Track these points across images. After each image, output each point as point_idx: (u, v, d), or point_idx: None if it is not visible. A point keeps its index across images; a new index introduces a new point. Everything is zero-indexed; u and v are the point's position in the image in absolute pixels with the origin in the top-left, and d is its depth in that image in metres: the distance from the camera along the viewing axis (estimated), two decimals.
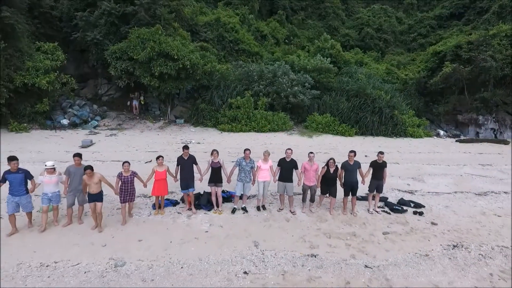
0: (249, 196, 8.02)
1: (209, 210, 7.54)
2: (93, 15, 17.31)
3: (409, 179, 10.34)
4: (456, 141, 17.54)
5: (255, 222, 7.12)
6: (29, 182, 6.28)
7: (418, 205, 8.26)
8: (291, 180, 7.39)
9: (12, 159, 6.09)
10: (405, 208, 8.10)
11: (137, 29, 16.69)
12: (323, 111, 18.32)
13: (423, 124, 19.33)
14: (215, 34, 22.39)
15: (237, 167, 7.43)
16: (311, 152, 7.51)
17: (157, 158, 7.09)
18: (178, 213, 7.42)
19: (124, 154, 12.02)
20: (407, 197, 8.83)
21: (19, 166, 6.18)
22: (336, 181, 7.44)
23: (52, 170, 6.36)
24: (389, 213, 7.80)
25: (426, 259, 5.91)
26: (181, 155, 7.30)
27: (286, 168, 7.39)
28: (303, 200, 7.68)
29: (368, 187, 7.74)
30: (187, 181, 7.16)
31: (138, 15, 17.51)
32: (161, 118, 18.58)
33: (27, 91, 14.52)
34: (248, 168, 7.35)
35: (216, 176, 7.25)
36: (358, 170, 7.45)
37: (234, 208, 7.43)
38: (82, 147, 12.49)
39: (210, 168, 7.26)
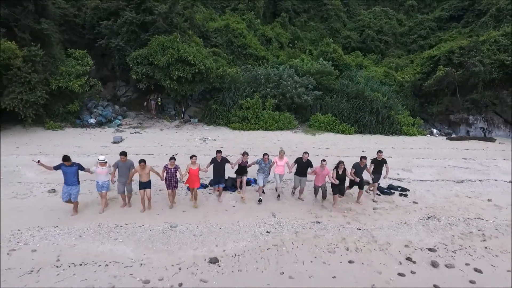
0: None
1: (233, 192, 9.44)
2: (116, 24, 19.21)
3: (399, 170, 12.18)
4: (447, 138, 19.35)
5: (272, 201, 9.00)
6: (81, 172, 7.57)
7: (403, 189, 10.12)
8: (305, 176, 8.97)
9: (66, 159, 7.29)
10: (393, 191, 9.97)
11: (157, 37, 18.55)
12: (325, 111, 20.15)
13: (417, 123, 21.13)
14: (224, 40, 24.24)
15: (257, 165, 9.00)
16: (324, 160, 8.70)
17: (191, 157, 8.22)
18: (209, 193, 9.32)
19: (152, 148, 13.90)
20: (395, 183, 10.68)
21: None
22: (344, 180, 8.71)
23: (103, 163, 7.65)
24: (379, 195, 9.65)
25: (405, 225, 7.76)
26: (215, 157, 8.61)
27: (302, 166, 8.95)
28: (315, 193, 9.13)
29: (372, 179, 9.39)
30: (218, 179, 8.71)
31: (157, 23, 19.38)
32: (177, 118, 20.45)
33: (60, 93, 16.39)
34: (267, 168, 8.96)
35: (243, 170, 9.03)
36: (365, 169, 9.03)
37: (260, 199, 8.85)
38: (114, 142, 14.38)
39: (237, 165, 8.98)
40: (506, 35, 21.91)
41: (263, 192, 9.23)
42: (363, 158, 8.95)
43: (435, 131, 21.43)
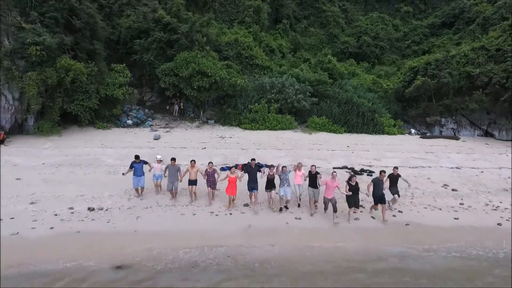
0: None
1: None
2: (146, 42, 23.80)
3: (372, 159, 16.77)
4: (420, 137, 23.96)
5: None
6: (145, 166, 10.77)
7: (370, 171, 14.72)
8: (316, 187, 10.09)
9: (136, 157, 10.65)
10: (363, 172, 14.57)
11: (182, 53, 23.11)
12: (320, 114, 24.70)
13: (398, 124, 25.70)
14: (234, 52, 28.82)
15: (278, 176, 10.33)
16: (334, 172, 9.87)
17: (230, 168, 11.25)
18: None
19: (185, 143, 18.46)
20: (366, 168, 15.27)
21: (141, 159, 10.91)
22: (358, 191, 9.79)
23: (159, 161, 10.71)
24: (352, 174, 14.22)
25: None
26: (249, 164, 10.30)
27: (312, 178, 10.18)
28: (325, 209, 10.20)
29: (391, 193, 10.43)
30: (253, 185, 10.08)
31: (180, 41, 23.97)
32: (196, 119, 25.03)
33: (107, 100, 20.93)
34: (287, 177, 10.24)
35: (270, 184, 10.17)
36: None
37: (281, 207, 10.37)
38: (155, 139, 18.95)
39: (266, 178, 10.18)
40: (474, 50, 26.49)
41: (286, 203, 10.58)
42: (382, 172, 10.03)
43: (413, 131, 26.03)
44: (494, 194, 12.50)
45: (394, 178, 10.44)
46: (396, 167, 10.78)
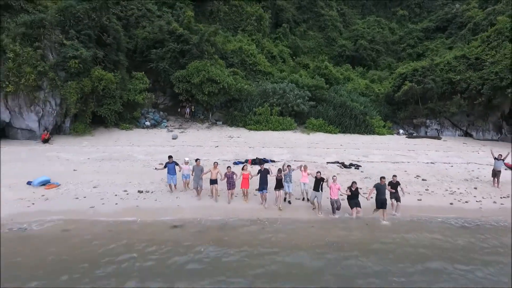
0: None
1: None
2: (162, 51, 27.02)
3: (360, 156, 20.07)
4: (406, 137, 27.32)
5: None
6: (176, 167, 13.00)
7: (358, 166, 18.02)
8: (318, 190, 11.69)
9: (169, 157, 12.87)
10: (351, 166, 17.87)
11: (194, 62, 26.33)
12: (317, 117, 27.98)
13: (387, 126, 29.03)
14: (239, 59, 32.06)
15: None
16: (335, 176, 12.02)
17: (242, 167, 12.72)
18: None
19: (199, 142, 21.68)
20: (354, 162, 18.57)
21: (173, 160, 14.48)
22: (358, 195, 11.53)
23: (187, 162, 12.94)
24: (342, 168, 17.53)
25: (351, 181, 15.64)
26: (262, 168, 12.30)
27: (316, 183, 11.80)
28: (333, 212, 11.71)
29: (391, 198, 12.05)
30: (263, 186, 12.02)
31: (192, 51, 27.21)
32: (205, 121, 28.27)
33: (128, 104, 24.15)
34: (290, 174, 12.56)
35: (279, 184, 12.13)
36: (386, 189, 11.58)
37: (289, 201, 12.79)
38: (173, 138, 22.18)
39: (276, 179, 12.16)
40: (456, 58, 29.84)
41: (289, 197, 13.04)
42: (382, 178, 11.48)
43: (401, 131, 29.39)
44: (455, 183, 15.80)
45: (393, 185, 11.98)
46: (395, 175, 12.41)
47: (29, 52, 18.06)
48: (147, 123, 25.62)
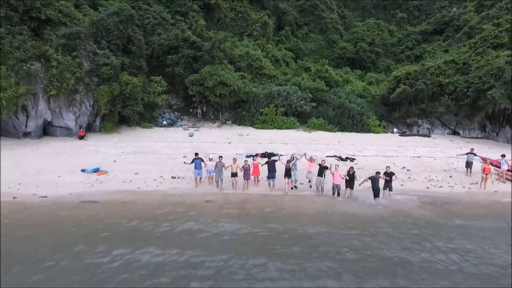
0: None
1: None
2: (177, 57, 30.26)
3: (356, 151, 23.28)
4: (399, 135, 30.53)
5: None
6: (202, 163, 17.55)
7: (352, 159, 21.24)
8: (322, 176, 14.55)
9: (196, 154, 15.61)
10: (347, 159, 21.10)
11: (206, 67, 29.55)
12: (318, 116, 31.19)
13: (382, 125, 32.23)
14: (245, 63, 35.25)
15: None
16: (337, 165, 14.67)
17: (253, 158, 16.17)
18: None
19: (213, 139, 24.84)
20: (350, 156, 21.78)
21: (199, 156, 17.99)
22: (353, 179, 14.15)
23: (211, 159, 15.13)
24: (339, 161, 20.75)
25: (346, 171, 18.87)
26: (271, 160, 15.16)
27: (320, 170, 14.61)
28: (333, 194, 14.52)
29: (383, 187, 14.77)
30: (271, 174, 14.75)
31: (204, 57, 30.44)
32: (216, 120, 31.49)
33: (148, 105, 27.38)
34: (294, 164, 15.22)
35: (288, 173, 14.81)
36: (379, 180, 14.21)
37: (295, 186, 15.64)
38: (190, 136, 25.39)
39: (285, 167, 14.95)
40: (446, 63, 33.05)
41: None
42: (377, 173, 14.16)
43: (395, 130, 32.60)
44: (434, 172, 19.01)
45: (388, 174, 14.58)
46: (388, 166, 15.41)
47: (69, 60, 21.26)
48: (164, 122, 28.85)
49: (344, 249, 10.18)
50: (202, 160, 15.33)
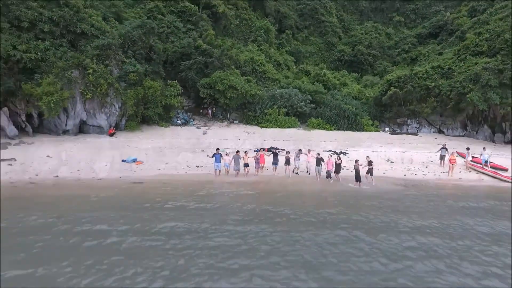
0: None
1: None
2: (189, 63, 34.33)
3: (349, 146, 27.37)
4: (389, 133, 34.64)
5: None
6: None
7: (345, 153, 25.34)
8: (319, 165, 18.96)
9: (217, 149, 21.03)
10: (341, 153, 25.20)
11: (216, 72, 33.60)
12: (317, 117, 35.25)
13: (375, 124, 36.31)
14: (250, 68, 39.32)
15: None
16: (330, 155, 20.16)
17: (259, 150, 22.34)
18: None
19: (225, 137, 28.90)
20: (343, 151, 25.86)
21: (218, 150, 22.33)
22: (340, 167, 19.19)
23: (228, 154, 20.34)
24: (334, 154, 24.85)
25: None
26: (274, 151, 21.36)
27: (317, 161, 18.99)
28: (327, 177, 19.13)
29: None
30: (275, 162, 19.49)
31: (214, 63, 34.51)
32: (224, 120, 35.54)
33: (165, 106, 31.41)
34: (297, 155, 20.06)
35: (287, 162, 19.27)
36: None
37: (297, 172, 20.53)
38: (204, 134, 29.43)
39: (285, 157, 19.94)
40: (433, 68, 37.14)
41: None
42: (357, 161, 18.70)
43: (386, 129, 36.70)
44: (413, 164, 23.13)
45: (369, 163, 18.86)
46: (367, 156, 20.00)
47: (102, 68, 25.28)
48: (179, 122, 32.91)
49: (331, 217, 14.28)
50: (221, 155, 19.12)
